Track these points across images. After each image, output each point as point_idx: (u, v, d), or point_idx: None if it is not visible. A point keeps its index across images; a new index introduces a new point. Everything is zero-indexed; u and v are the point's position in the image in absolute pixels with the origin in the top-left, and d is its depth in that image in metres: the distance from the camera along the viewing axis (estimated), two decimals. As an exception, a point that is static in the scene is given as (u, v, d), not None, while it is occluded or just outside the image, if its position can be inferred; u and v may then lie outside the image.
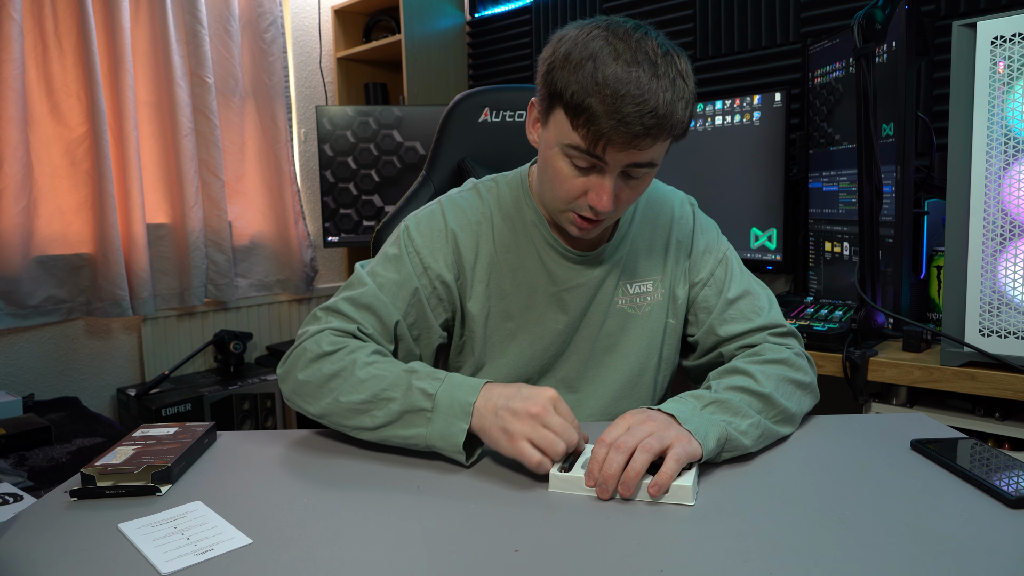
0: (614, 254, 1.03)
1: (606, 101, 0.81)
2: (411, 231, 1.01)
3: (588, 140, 0.84)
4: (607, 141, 0.83)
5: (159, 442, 0.86)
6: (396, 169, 2.71)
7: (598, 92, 0.81)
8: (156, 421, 2.12)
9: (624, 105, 0.81)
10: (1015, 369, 1.25)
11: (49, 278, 2.32)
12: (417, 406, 0.82)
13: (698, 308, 1.05)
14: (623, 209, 0.94)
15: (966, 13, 1.79)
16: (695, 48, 2.31)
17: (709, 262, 1.06)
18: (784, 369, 0.94)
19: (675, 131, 0.86)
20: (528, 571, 0.60)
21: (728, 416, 0.83)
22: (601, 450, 0.75)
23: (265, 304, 2.93)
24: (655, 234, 1.06)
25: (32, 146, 2.26)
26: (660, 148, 0.87)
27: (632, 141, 0.82)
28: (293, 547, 0.65)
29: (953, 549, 0.62)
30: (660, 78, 0.82)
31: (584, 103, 0.82)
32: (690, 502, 0.72)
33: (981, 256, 1.26)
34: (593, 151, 0.85)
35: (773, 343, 0.99)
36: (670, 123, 0.83)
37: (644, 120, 0.81)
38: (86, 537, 0.68)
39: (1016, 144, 1.22)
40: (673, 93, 0.83)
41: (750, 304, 1.02)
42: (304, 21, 3.05)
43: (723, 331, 1.02)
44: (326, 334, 0.92)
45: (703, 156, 2.05)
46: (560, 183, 0.90)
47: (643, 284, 1.05)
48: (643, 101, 0.81)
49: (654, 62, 0.82)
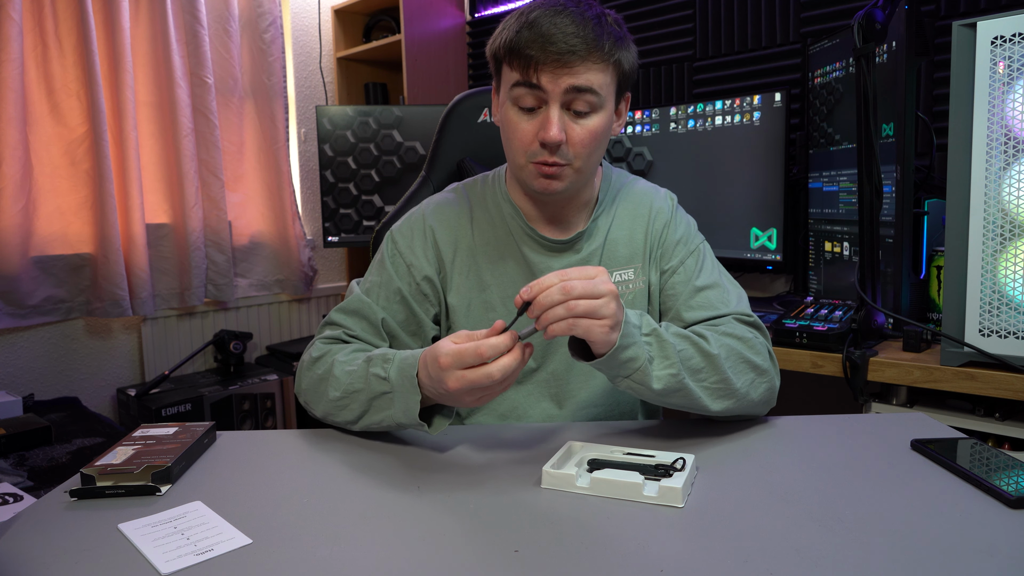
0: (591, 240, 1.05)
1: (532, 28, 0.89)
2: (394, 236, 1.08)
3: (522, 68, 0.90)
4: (537, 62, 0.89)
5: (159, 442, 0.86)
6: (396, 169, 2.71)
7: (526, 27, 0.90)
8: (156, 421, 2.12)
9: (547, 28, 0.88)
10: (1015, 369, 1.25)
11: (49, 278, 2.32)
12: (378, 391, 0.88)
13: (666, 295, 1.05)
14: (582, 154, 0.95)
15: (966, 13, 1.79)
16: (695, 48, 2.31)
17: (680, 252, 1.06)
18: (740, 345, 0.93)
19: (603, 56, 0.90)
20: (528, 571, 0.60)
21: (655, 352, 0.84)
22: (550, 279, 0.78)
23: (265, 304, 2.93)
24: (635, 223, 1.07)
25: (32, 146, 2.26)
26: (596, 74, 0.91)
27: (560, 59, 0.88)
28: (293, 547, 0.65)
29: (953, 549, 0.62)
30: (584, 14, 0.90)
31: (514, 41, 0.90)
32: (679, 504, 0.72)
33: (981, 256, 1.26)
34: (529, 79, 0.90)
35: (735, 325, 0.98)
36: (596, 45, 0.89)
37: (568, 39, 0.88)
38: (86, 537, 0.68)
39: (1016, 144, 1.22)
40: (598, 28, 0.90)
41: (718, 295, 1.02)
42: (304, 21, 3.05)
43: (688, 316, 1.01)
44: (316, 343, 1.01)
45: (703, 156, 2.05)
46: (513, 132, 0.95)
47: (625, 272, 1.06)
48: (565, 24, 0.88)
49: (581, 9, 0.91)
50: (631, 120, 2.18)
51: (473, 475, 0.81)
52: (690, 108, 2.07)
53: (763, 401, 0.95)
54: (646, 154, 2.16)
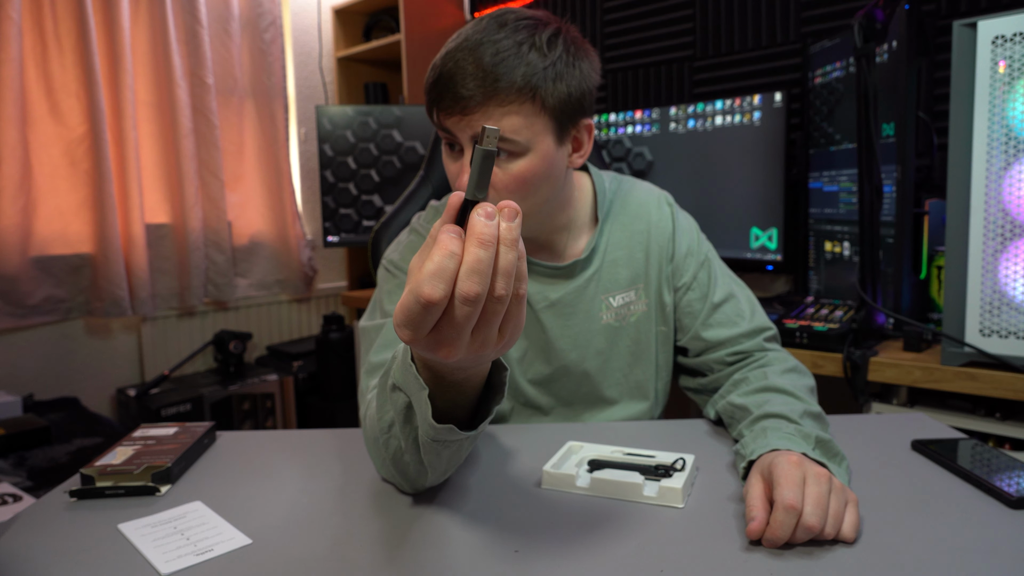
0: (588, 266, 0.99)
1: (437, 70, 0.81)
2: (395, 263, 0.97)
3: (430, 109, 0.83)
4: (438, 106, 0.81)
5: (159, 442, 0.86)
6: (396, 169, 2.71)
7: (437, 63, 0.81)
8: (156, 421, 2.12)
9: (449, 68, 0.79)
10: (1015, 369, 1.25)
11: (48, 278, 2.32)
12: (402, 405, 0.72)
13: (683, 313, 1.02)
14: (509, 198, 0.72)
15: (966, 13, 1.79)
16: (695, 48, 2.31)
17: (692, 265, 1.02)
18: (799, 378, 0.92)
19: (513, 99, 0.79)
20: (528, 571, 0.60)
21: (829, 454, 0.76)
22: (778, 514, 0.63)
23: (265, 304, 2.93)
24: (633, 241, 1.01)
25: (31, 146, 2.26)
26: (509, 119, 0.79)
27: (459, 103, 0.79)
28: (293, 547, 0.65)
29: (953, 549, 0.62)
30: (497, 42, 0.79)
31: (427, 77, 0.82)
32: (679, 504, 0.72)
33: (981, 256, 1.26)
34: (436, 121, 0.83)
35: (772, 349, 0.99)
36: (497, 88, 0.78)
37: (465, 82, 0.78)
38: (86, 537, 0.68)
39: (1016, 144, 1.22)
40: (516, 59, 0.78)
41: (733, 308, 1.01)
42: (304, 21, 3.05)
43: (708, 336, 0.99)
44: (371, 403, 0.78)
45: (703, 156, 2.05)
46: (448, 172, 0.89)
47: (625, 295, 1.01)
48: (468, 64, 0.78)
49: (502, 26, 0.80)
50: (631, 120, 2.18)
51: (473, 475, 0.81)
52: (690, 108, 2.07)
53: None
54: (646, 154, 2.16)
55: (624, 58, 2.45)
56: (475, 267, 0.48)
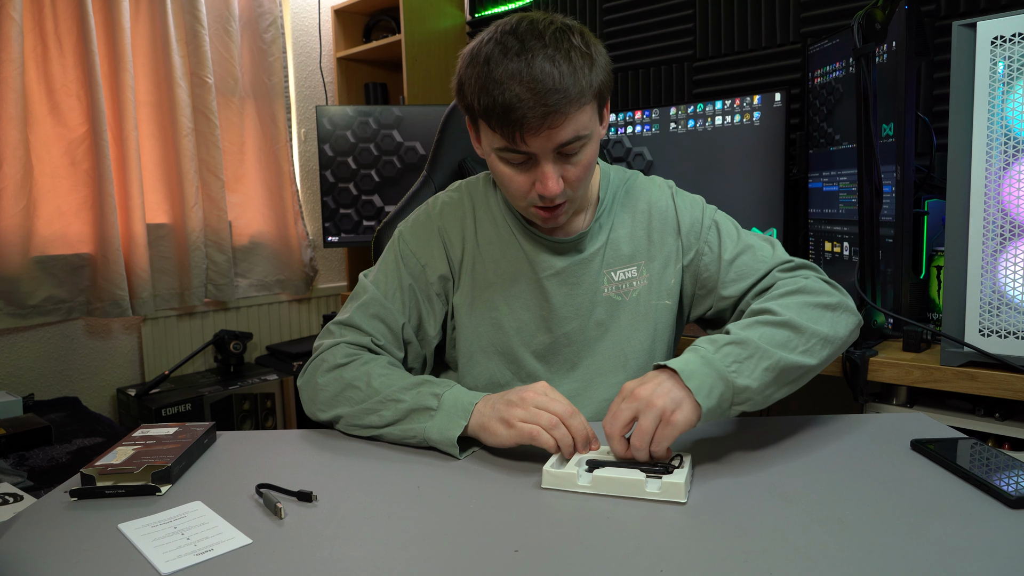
0: (594, 240, 1.05)
1: (507, 95, 0.84)
2: (404, 235, 1.07)
3: (507, 136, 0.87)
4: (522, 131, 0.86)
5: (159, 442, 0.86)
6: (396, 169, 2.71)
7: (498, 90, 0.85)
8: (156, 421, 2.12)
9: (523, 92, 0.84)
10: (1015, 369, 1.25)
11: (49, 278, 2.32)
12: (424, 405, 0.88)
13: (703, 280, 1.05)
14: (579, 187, 0.95)
15: (966, 13, 1.79)
16: (695, 48, 2.31)
17: (697, 233, 1.06)
18: (802, 297, 0.93)
19: (584, 98, 0.87)
20: (528, 571, 0.60)
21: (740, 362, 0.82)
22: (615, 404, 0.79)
23: (265, 304, 2.93)
24: (635, 220, 1.07)
25: (32, 146, 2.25)
26: (582, 117, 0.88)
27: (543, 122, 0.85)
28: (293, 547, 0.65)
29: (953, 549, 0.62)
30: (552, 57, 0.85)
31: (491, 106, 0.86)
32: (682, 499, 0.72)
33: (981, 256, 1.26)
34: (516, 145, 0.88)
35: (783, 278, 0.99)
36: (572, 94, 0.85)
37: (546, 100, 0.84)
38: (86, 537, 0.68)
39: (1016, 144, 1.22)
40: (569, 65, 0.85)
41: (751, 257, 1.03)
42: (304, 21, 3.05)
43: (729, 292, 1.02)
44: (341, 346, 0.99)
45: (703, 156, 2.05)
46: (508, 184, 0.94)
47: (627, 270, 1.05)
48: (538, 82, 0.84)
49: (544, 44, 0.85)
50: (631, 120, 2.18)
51: (473, 475, 0.81)
52: (690, 108, 2.07)
53: (853, 330, 0.97)
54: (646, 154, 2.16)
55: (624, 58, 2.45)
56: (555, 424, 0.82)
